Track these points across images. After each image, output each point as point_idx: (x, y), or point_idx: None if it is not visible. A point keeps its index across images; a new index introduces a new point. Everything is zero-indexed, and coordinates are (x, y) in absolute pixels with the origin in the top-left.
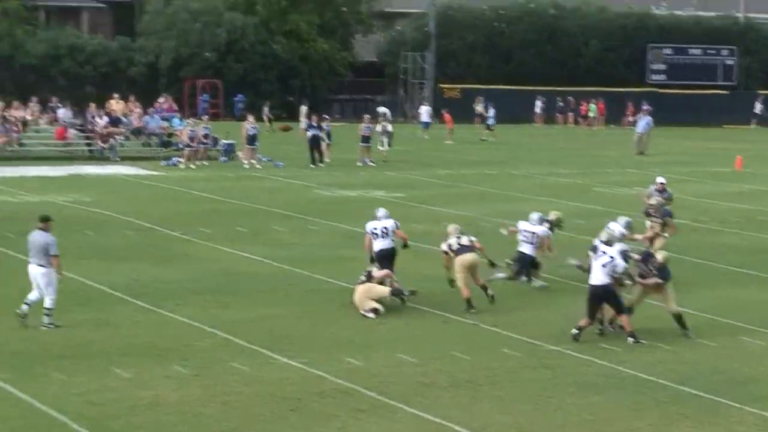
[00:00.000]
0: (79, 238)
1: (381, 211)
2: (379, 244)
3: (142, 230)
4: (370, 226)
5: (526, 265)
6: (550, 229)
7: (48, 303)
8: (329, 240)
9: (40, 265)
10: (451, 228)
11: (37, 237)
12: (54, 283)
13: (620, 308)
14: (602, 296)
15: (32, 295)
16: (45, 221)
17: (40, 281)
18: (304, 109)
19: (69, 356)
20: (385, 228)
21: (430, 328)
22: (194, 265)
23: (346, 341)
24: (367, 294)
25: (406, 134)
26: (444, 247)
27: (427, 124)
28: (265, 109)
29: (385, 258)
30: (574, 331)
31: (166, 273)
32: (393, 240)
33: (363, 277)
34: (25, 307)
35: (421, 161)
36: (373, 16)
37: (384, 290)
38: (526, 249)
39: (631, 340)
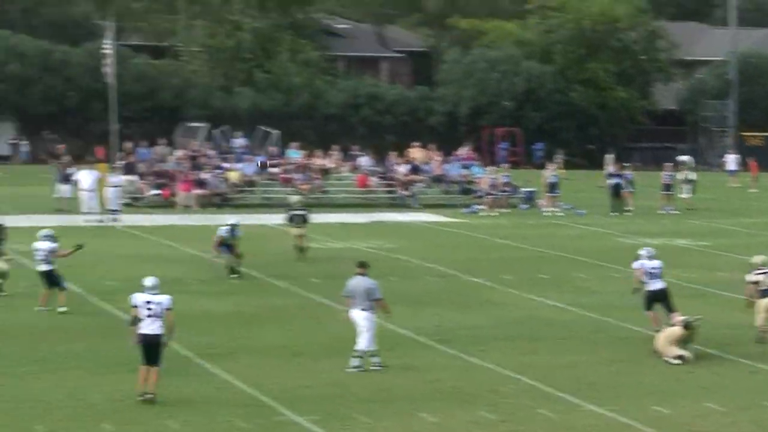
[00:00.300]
0: (384, 283)
1: (649, 251)
2: (654, 285)
3: (445, 276)
4: (648, 264)
5: None
6: None
7: (363, 345)
8: (631, 288)
9: (363, 310)
10: (758, 259)
11: (360, 282)
12: (374, 328)
13: None
14: None
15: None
16: (363, 267)
17: (362, 325)
18: (610, 157)
19: (375, 400)
20: (659, 268)
21: (737, 377)
22: (497, 311)
23: (652, 389)
24: (667, 339)
25: (708, 182)
26: (751, 278)
27: (733, 172)
28: (558, 157)
29: (659, 298)
30: None
31: (469, 319)
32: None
33: (664, 325)
34: (361, 356)
35: (725, 209)
36: (672, 64)
37: (678, 329)
38: None
39: None
